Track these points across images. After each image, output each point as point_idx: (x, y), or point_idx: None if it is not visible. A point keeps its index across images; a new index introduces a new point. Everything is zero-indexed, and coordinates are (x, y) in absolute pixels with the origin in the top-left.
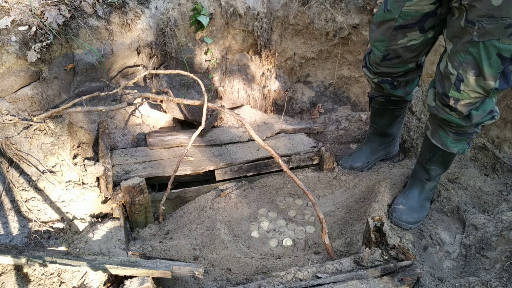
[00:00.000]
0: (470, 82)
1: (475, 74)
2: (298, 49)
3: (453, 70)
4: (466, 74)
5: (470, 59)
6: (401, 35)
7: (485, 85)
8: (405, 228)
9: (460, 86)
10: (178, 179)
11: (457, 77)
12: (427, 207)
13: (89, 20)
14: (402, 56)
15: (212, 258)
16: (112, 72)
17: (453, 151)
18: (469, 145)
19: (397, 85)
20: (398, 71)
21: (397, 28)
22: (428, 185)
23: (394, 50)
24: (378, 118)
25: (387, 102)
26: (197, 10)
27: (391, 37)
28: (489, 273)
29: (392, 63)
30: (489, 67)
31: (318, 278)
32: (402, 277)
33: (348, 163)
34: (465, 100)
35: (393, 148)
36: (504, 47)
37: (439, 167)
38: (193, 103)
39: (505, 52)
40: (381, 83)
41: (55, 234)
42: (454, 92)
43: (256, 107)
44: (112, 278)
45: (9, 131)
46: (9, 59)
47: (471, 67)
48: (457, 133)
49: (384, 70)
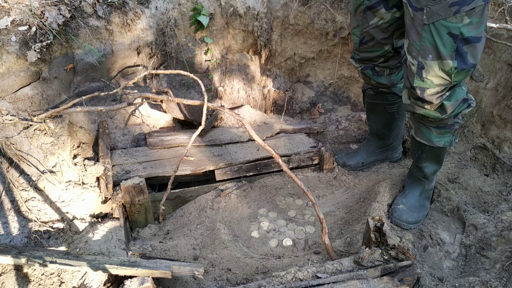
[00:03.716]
0: (431, 66)
1: (432, 58)
2: (298, 49)
3: (413, 60)
4: (425, 60)
5: (425, 44)
6: (371, 16)
7: (444, 66)
8: (405, 228)
9: (422, 74)
10: (178, 179)
11: (418, 65)
12: (427, 206)
13: (89, 20)
14: (375, 36)
15: (212, 258)
16: (112, 72)
17: (439, 145)
18: (455, 137)
19: (380, 71)
20: (376, 55)
21: (365, 10)
22: (427, 184)
23: (367, 32)
24: (372, 114)
25: (377, 95)
26: (197, 10)
27: (363, 20)
28: (489, 273)
29: (368, 46)
30: (444, 47)
31: (318, 278)
32: (402, 277)
33: (342, 159)
34: (430, 89)
35: (393, 154)
36: (452, 25)
37: (431, 164)
38: (193, 103)
39: (454, 30)
40: (364, 70)
41: (55, 234)
42: (418, 81)
43: (256, 107)
44: (112, 278)
45: (9, 131)
46: (9, 59)
47: (428, 51)
48: (438, 127)
49: (364, 55)
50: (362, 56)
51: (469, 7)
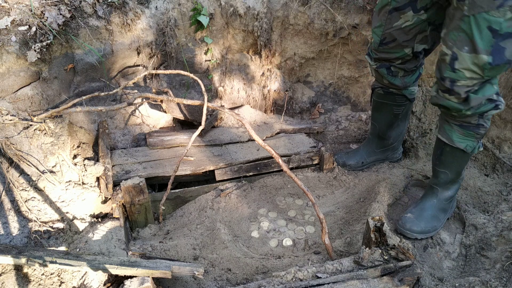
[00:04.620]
0: (464, 58)
1: (468, 50)
2: (298, 49)
3: (448, 50)
4: (460, 51)
5: (462, 35)
6: (396, 18)
7: (478, 61)
8: (409, 237)
9: (455, 65)
10: (178, 179)
11: (452, 56)
12: (441, 218)
13: (89, 20)
14: (397, 38)
15: (212, 258)
16: (112, 72)
17: (460, 146)
18: (480, 144)
19: (395, 72)
20: (395, 57)
21: (391, 11)
22: (441, 194)
23: (390, 33)
24: (377, 113)
25: (386, 95)
26: (197, 10)
27: (387, 20)
28: (489, 273)
29: (388, 47)
30: (481, 41)
31: (318, 278)
32: (402, 277)
33: (342, 159)
34: (461, 81)
35: (393, 154)
36: (494, 19)
37: (449, 171)
38: (193, 103)
39: (495, 25)
40: (379, 69)
41: (55, 234)
42: (450, 72)
43: (256, 107)
44: (112, 278)
45: (9, 131)
46: (9, 59)
47: (464, 43)
48: (461, 126)
49: (382, 55)
50: (380, 56)
51: None
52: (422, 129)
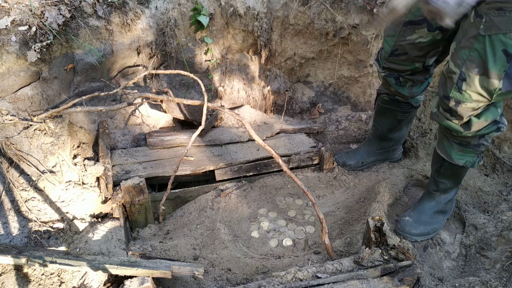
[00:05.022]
0: (473, 81)
1: (479, 72)
2: (298, 49)
3: (456, 68)
4: (469, 72)
5: (474, 55)
6: (410, 31)
7: (488, 85)
8: (409, 240)
9: (462, 86)
10: (178, 179)
11: (460, 76)
12: (440, 220)
13: (89, 20)
14: (409, 53)
15: (212, 258)
16: (112, 72)
17: (458, 163)
18: (480, 159)
19: (403, 82)
20: (404, 69)
21: (407, 23)
22: (440, 197)
23: (402, 46)
24: (380, 117)
25: (391, 101)
26: (197, 10)
27: (400, 32)
28: (489, 273)
29: (399, 59)
30: (494, 64)
31: (318, 278)
32: (402, 277)
33: (342, 159)
34: (466, 103)
35: (393, 154)
36: (511, 43)
37: (449, 181)
38: (193, 103)
39: (511, 48)
40: (387, 77)
41: (55, 234)
42: (456, 93)
43: (256, 107)
44: (112, 278)
45: (9, 131)
46: (9, 59)
47: (475, 64)
48: (461, 144)
49: (392, 66)
50: (389, 66)
51: None
52: (422, 129)
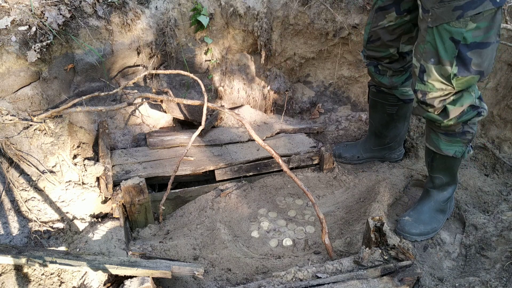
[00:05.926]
0: (432, 71)
1: (434, 62)
2: (298, 49)
3: (417, 62)
4: (426, 63)
5: (428, 47)
6: (381, 17)
7: (443, 72)
8: (409, 240)
9: (424, 77)
10: (178, 179)
11: (420, 68)
12: (439, 219)
13: (89, 20)
14: (382, 37)
15: (212, 258)
16: (112, 72)
17: (448, 153)
18: (469, 148)
19: (382, 70)
20: (380, 56)
21: (378, 10)
22: (438, 195)
23: (375, 31)
24: (372, 111)
25: (378, 93)
26: (197, 10)
27: (373, 19)
28: (489, 273)
29: (374, 45)
30: (445, 52)
31: (318, 278)
32: (402, 277)
33: (339, 151)
34: (432, 93)
35: (391, 154)
36: (455, 30)
37: (443, 176)
38: (193, 103)
39: (457, 35)
40: (368, 66)
41: (55, 234)
42: (420, 85)
43: (256, 107)
44: (112, 278)
45: (9, 131)
46: (9, 59)
47: (430, 55)
48: (447, 134)
49: (370, 53)
50: (368, 53)
51: (475, 11)
52: (422, 129)
